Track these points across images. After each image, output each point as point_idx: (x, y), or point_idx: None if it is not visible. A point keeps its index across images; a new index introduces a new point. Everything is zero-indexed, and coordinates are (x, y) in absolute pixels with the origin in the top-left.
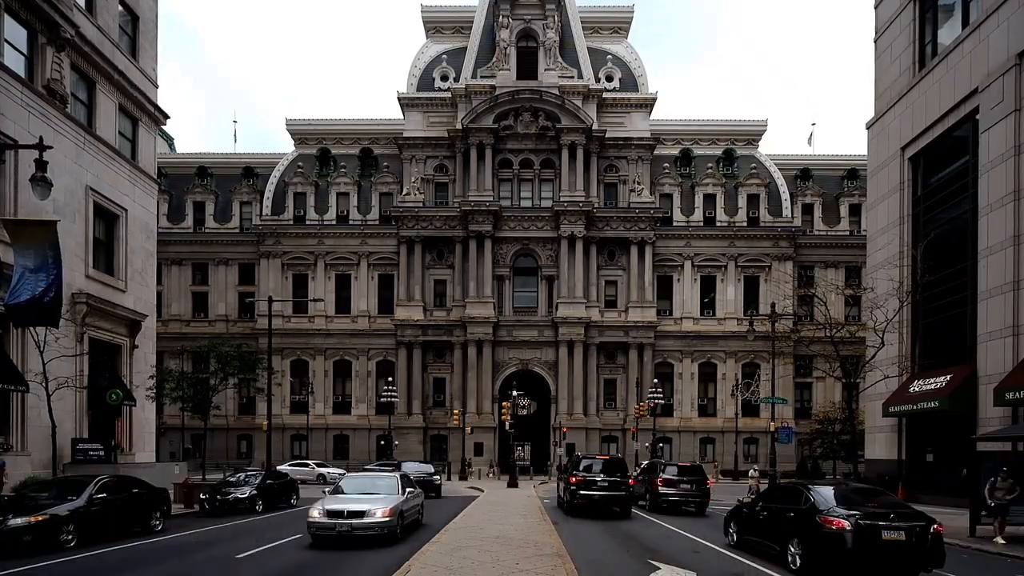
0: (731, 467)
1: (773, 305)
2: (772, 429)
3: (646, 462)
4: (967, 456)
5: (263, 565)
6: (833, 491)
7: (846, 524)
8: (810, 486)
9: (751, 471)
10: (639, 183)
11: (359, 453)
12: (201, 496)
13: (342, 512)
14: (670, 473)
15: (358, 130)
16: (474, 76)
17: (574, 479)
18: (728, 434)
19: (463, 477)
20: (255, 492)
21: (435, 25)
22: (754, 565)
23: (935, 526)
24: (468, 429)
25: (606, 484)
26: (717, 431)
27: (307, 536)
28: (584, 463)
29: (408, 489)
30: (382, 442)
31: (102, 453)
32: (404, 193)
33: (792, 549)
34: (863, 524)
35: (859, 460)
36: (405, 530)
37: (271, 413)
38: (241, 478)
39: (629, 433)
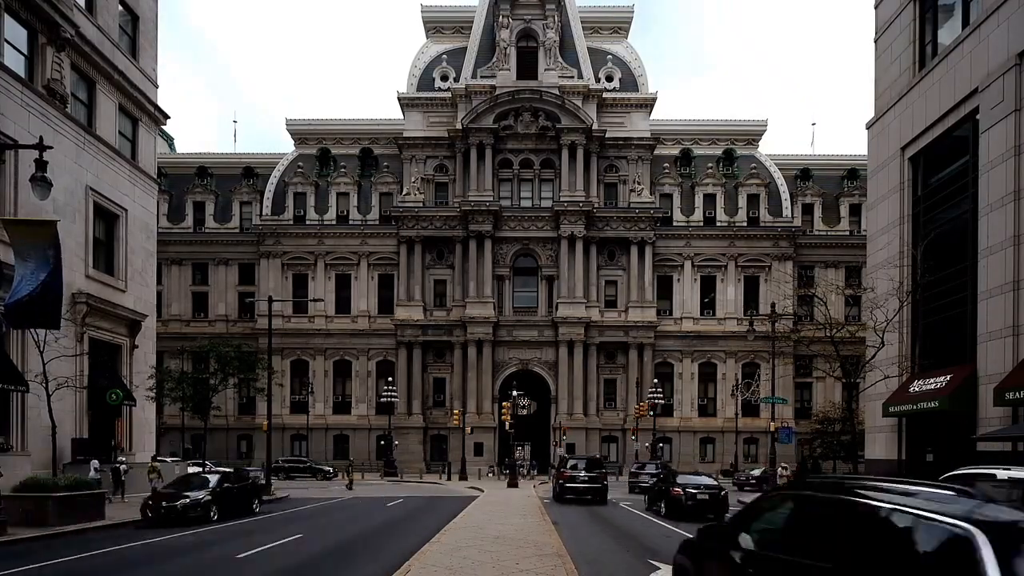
0: (731, 467)
1: (773, 305)
2: (772, 429)
3: (659, 468)
4: (967, 456)
5: (261, 565)
6: (682, 476)
7: (680, 492)
8: (676, 472)
9: (779, 469)
10: (639, 183)
11: (359, 453)
12: (148, 501)
13: None
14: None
15: (358, 130)
16: (474, 76)
17: (564, 475)
18: (728, 434)
19: (463, 477)
20: (209, 497)
21: (435, 25)
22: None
23: (723, 492)
24: (468, 429)
25: (587, 479)
26: (717, 431)
27: (306, 536)
28: (571, 463)
29: None
30: (382, 442)
31: (101, 455)
32: (404, 193)
33: (661, 505)
34: (688, 491)
35: (859, 460)
36: None
37: (271, 413)
38: (196, 478)
39: (629, 433)
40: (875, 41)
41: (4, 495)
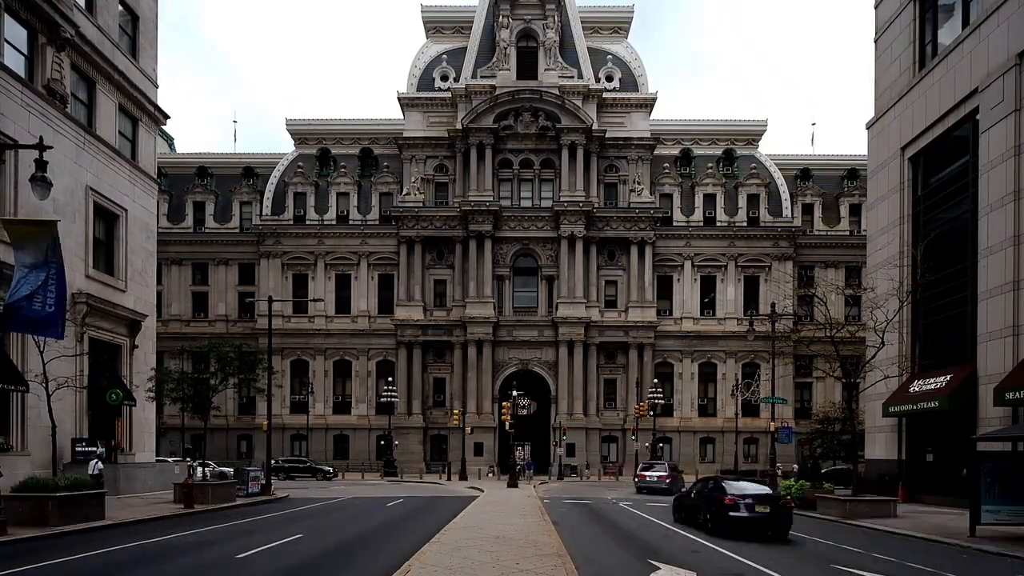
0: (731, 467)
1: (773, 305)
2: (772, 429)
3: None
4: (967, 456)
5: (262, 565)
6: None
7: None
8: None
9: (778, 470)
10: (639, 183)
11: (359, 453)
12: None
13: None
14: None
15: (358, 130)
16: (474, 76)
17: (728, 500)
18: (728, 434)
19: (463, 477)
20: None
21: (435, 25)
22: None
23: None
24: (468, 429)
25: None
26: (717, 431)
27: (306, 536)
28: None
29: None
30: (382, 442)
31: (103, 453)
32: (404, 193)
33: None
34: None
35: (860, 460)
36: None
37: (271, 413)
38: None
39: (629, 433)
40: (875, 41)
41: (4, 495)
